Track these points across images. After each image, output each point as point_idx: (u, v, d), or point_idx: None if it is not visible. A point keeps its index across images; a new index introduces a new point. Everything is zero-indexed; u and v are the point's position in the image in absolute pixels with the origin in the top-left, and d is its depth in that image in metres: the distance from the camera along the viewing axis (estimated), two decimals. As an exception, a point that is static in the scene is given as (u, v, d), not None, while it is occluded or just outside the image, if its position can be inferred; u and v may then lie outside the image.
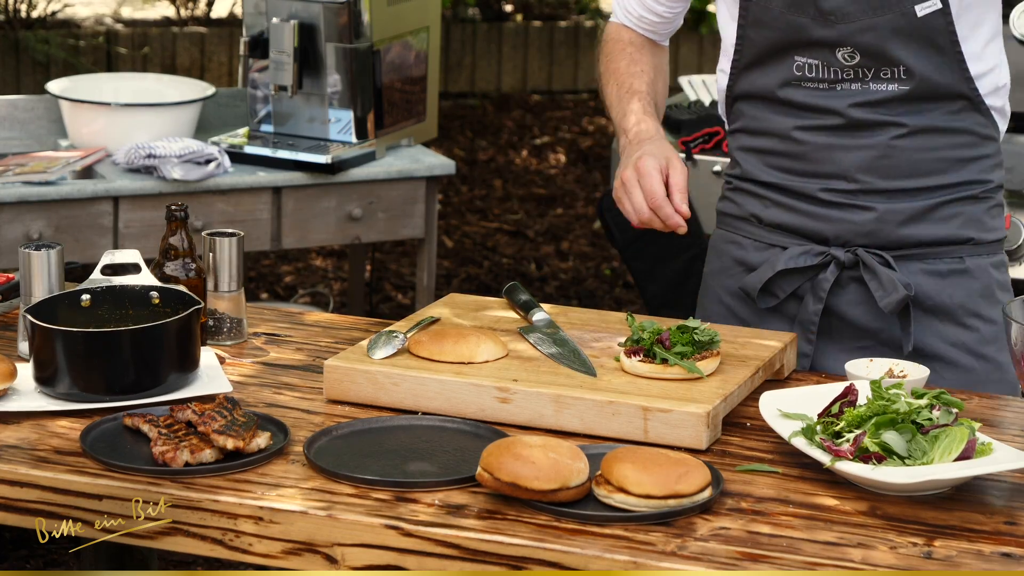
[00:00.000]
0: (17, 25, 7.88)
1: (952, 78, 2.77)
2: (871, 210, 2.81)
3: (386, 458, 2.38)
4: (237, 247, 2.86)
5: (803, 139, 2.82)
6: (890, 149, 2.79)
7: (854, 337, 2.86)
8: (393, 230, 4.70)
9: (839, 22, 2.74)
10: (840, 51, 2.76)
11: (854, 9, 2.73)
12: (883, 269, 2.80)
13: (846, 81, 2.78)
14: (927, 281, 2.83)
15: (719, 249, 3.00)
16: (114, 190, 4.38)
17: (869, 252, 2.82)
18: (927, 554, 2.14)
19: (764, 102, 2.86)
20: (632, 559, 2.11)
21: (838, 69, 2.78)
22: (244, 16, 4.69)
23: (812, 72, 2.79)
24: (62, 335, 2.55)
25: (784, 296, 2.88)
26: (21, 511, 2.33)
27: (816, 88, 2.80)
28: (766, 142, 2.88)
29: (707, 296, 3.02)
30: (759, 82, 2.85)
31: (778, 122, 2.85)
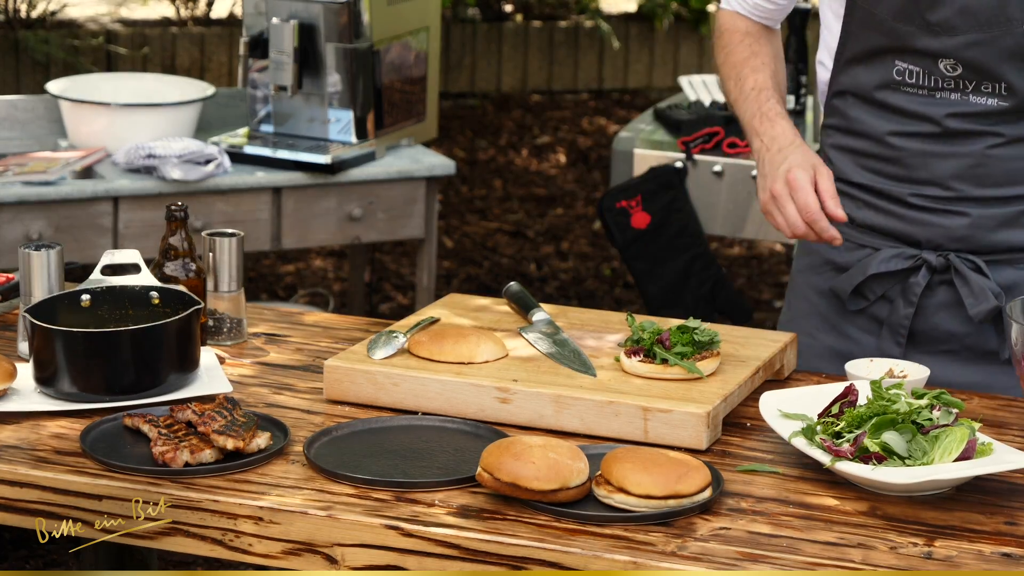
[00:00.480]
0: (17, 25, 7.88)
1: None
2: (964, 215, 2.79)
3: (386, 458, 2.38)
4: (237, 247, 2.86)
5: (897, 144, 2.80)
6: (985, 158, 2.76)
7: (942, 341, 2.84)
8: (393, 230, 4.70)
9: (944, 34, 2.71)
10: (943, 62, 2.73)
11: (961, 23, 2.69)
12: (975, 276, 2.78)
13: (946, 91, 2.75)
14: (1018, 287, 2.80)
15: (809, 247, 2.97)
16: (114, 190, 4.38)
17: (961, 257, 2.80)
18: (927, 554, 2.14)
19: (861, 102, 2.83)
20: (632, 559, 2.11)
21: (939, 78, 2.74)
22: (244, 16, 4.69)
23: (912, 78, 2.76)
24: (62, 335, 2.55)
25: (874, 299, 2.86)
26: (21, 511, 2.33)
27: (915, 94, 2.77)
28: (860, 143, 2.85)
29: (794, 294, 3.00)
30: (858, 80, 2.82)
31: (873, 125, 2.82)
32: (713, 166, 4.75)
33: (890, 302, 2.86)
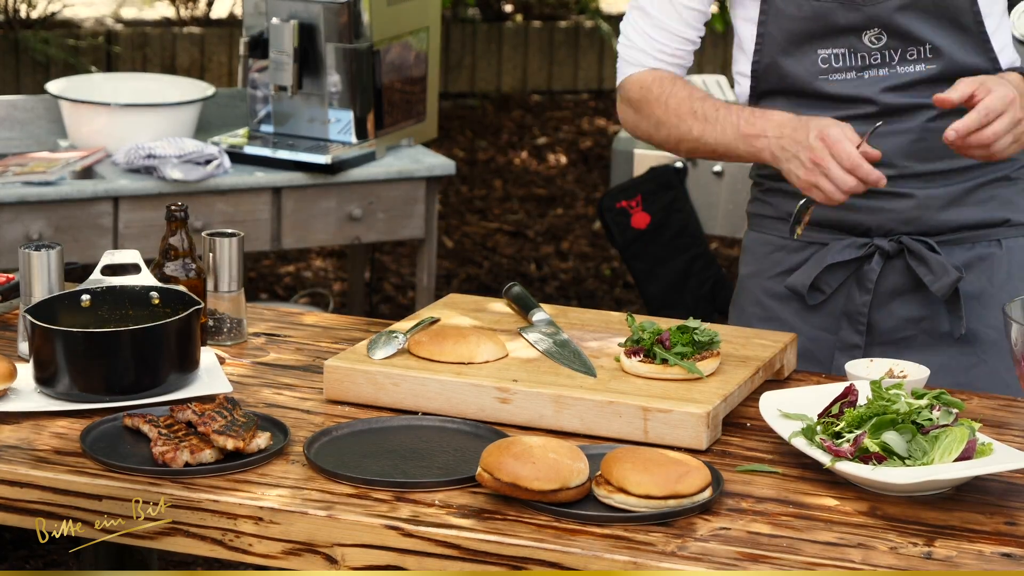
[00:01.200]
0: (17, 25, 7.88)
1: (977, 57, 2.79)
2: (910, 197, 2.82)
3: (386, 458, 2.38)
4: (237, 247, 2.86)
5: None
6: (925, 132, 2.79)
7: (897, 328, 2.87)
8: (393, 230, 4.70)
9: (866, 4, 2.74)
10: (867, 34, 2.76)
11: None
12: (930, 254, 2.81)
13: (873, 67, 2.78)
14: (967, 265, 2.84)
15: (755, 252, 2.97)
16: (114, 190, 4.38)
17: (913, 239, 2.82)
18: (927, 554, 2.14)
19: (792, 99, 2.84)
20: (632, 559, 2.11)
21: (864, 54, 2.78)
22: (244, 16, 4.69)
23: (838, 62, 2.79)
24: (62, 335, 2.55)
25: (831, 291, 2.88)
26: (21, 511, 2.33)
27: (844, 79, 2.80)
28: None
29: (744, 298, 3.00)
30: (784, 78, 2.83)
31: (813, 113, 2.79)
32: (713, 166, 4.75)
33: (846, 294, 2.87)
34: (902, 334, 2.87)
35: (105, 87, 4.85)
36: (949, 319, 2.85)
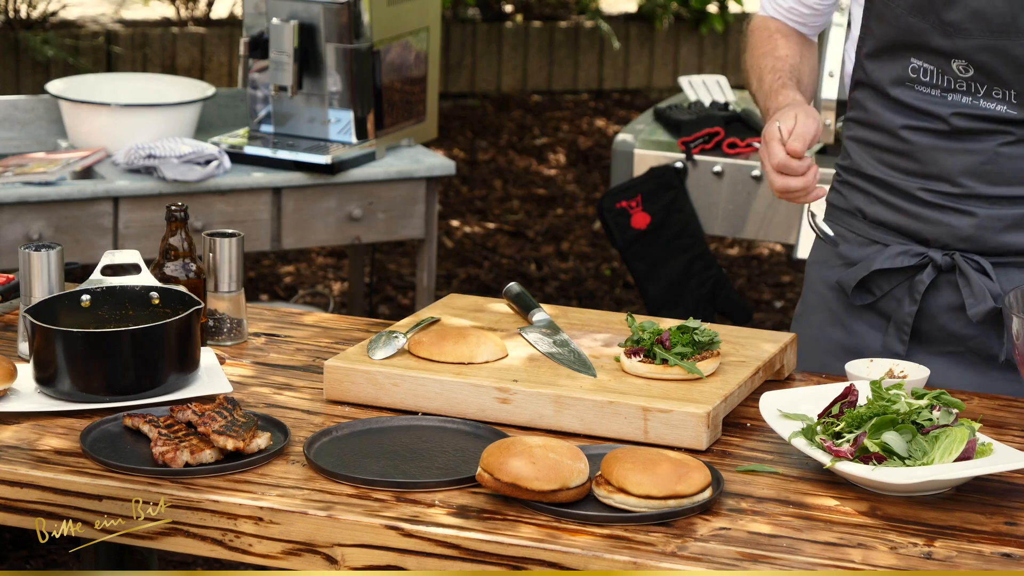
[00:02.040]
0: (17, 26, 7.88)
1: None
2: (972, 215, 2.79)
3: (386, 458, 2.38)
4: (237, 247, 2.86)
5: (910, 138, 2.80)
6: (996, 155, 2.76)
7: (945, 341, 2.85)
8: (393, 230, 4.70)
9: (957, 36, 2.71)
10: (955, 62, 2.73)
11: (973, 26, 2.69)
12: (977, 276, 2.78)
13: (958, 92, 2.75)
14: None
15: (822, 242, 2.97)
16: (114, 190, 4.38)
17: (967, 257, 2.80)
18: (927, 555, 2.14)
19: (878, 95, 2.83)
20: (632, 559, 2.11)
21: (952, 79, 2.75)
22: (244, 16, 4.69)
23: (927, 76, 2.77)
24: (62, 335, 2.55)
25: (880, 295, 2.87)
26: (21, 511, 2.33)
27: (928, 93, 2.77)
28: (876, 136, 2.85)
29: (808, 287, 3.00)
30: (875, 75, 2.82)
31: (888, 118, 2.82)
32: (713, 166, 4.75)
33: (896, 299, 2.86)
34: (948, 348, 2.85)
35: (105, 87, 4.85)
36: (998, 342, 2.82)
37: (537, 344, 2.68)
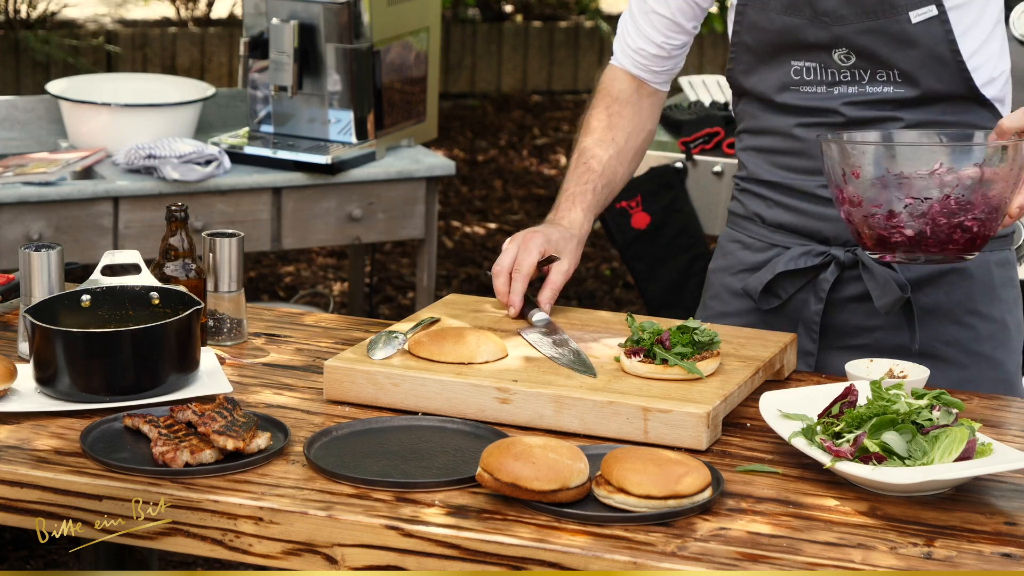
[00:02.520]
0: (17, 25, 7.88)
1: (952, 83, 2.77)
2: None
3: (386, 458, 2.38)
4: (237, 248, 2.86)
5: (803, 136, 2.83)
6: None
7: (853, 335, 2.87)
8: (393, 230, 4.70)
9: (833, 24, 2.75)
10: (836, 52, 2.77)
11: (848, 12, 2.73)
12: (880, 269, 2.80)
13: (843, 83, 2.79)
14: (927, 280, 2.84)
15: (725, 248, 3.00)
16: (114, 191, 4.39)
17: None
18: (927, 555, 2.14)
19: (764, 104, 2.87)
20: (632, 559, 2.11)
21: (835, 71, 2.78)
22: (244, 16, 4.69)
23: (810, 75, 2.80)
24: (62, 335, 2.55)
25: (786, 297, 2.89)
26: (21, 511, 2.33)
27: (813, 91, 2.81)
28: (769, 141, 2.88)
29: (711, 293, 3.02)
30: (759, 87, 2.86)
31: (778, 121, 2.85)
32: (713, 166, 4.75)
33: (803, 300, 2.88)
34: (855, 341, 2.87)
35: (105, 87, 4.85)
36: (907, 332, 2.84)
37: (539, 346, 2.68)
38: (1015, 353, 2.89)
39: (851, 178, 2.56)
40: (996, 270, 2.87)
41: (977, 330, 2.85)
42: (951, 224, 2.54)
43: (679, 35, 2.94)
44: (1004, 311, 2.87)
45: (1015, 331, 2.90)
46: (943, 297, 2.84)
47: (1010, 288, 2.89)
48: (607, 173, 2.94)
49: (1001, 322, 2.86)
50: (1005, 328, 2.87)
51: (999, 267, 2.87)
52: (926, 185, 2.52)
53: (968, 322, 2.85)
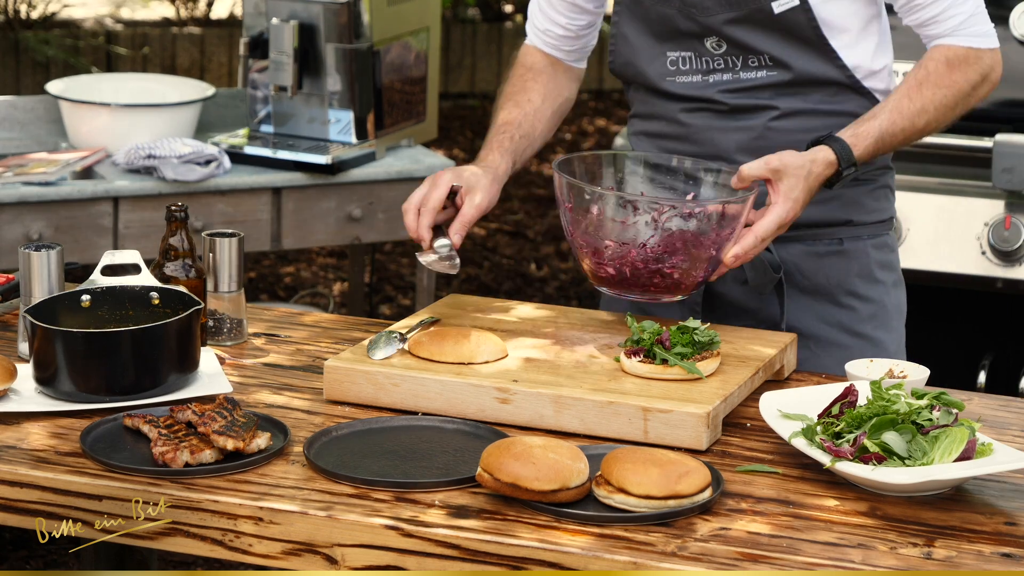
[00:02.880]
0: (17, 26, 7.88)
1: (824, 67, 2.83)
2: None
3: (386, 458, 2.38)
4: (237, 248, 2.86)
5: (687, 121, 2.90)
6: (767, 131, 2.86)
7: (736, 315, 2.94)
8: (393, 231, 4.70)
9: (700, 15, 2.82)
10: (708, 41, 2.85)
11: (713, 4, 2.81)
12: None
13: (717, 71, 2.87)
14: (805, 261, 2.91)
15: None
16: (114, 191, 4.39)
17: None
18: (927, 555, 2.14)
19: (649, 91, 2.96)
20: (632, 559, 2.11)
21: (708, 59, 2.86)
22: (244, 16, 4.69)
23: (686, 65, 2.89)
24: (62, 335, 2.55)
25: None
26: (21, 511, 2.33)
27: (690, 80, 2.89)
28: (656, 125, 2.96)
29: None
30: (640, 77, 2.95)
31: (664, 106, 2.94)
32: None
33: None
34: (735, 322, 2.93)
35: (105, 87, 4.85)
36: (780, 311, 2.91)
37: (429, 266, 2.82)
38: (895, 332, 2.97)
39: (565, 210, 2.71)
40: (874, 253, 2.94)
41: (857, 311, 2.93)
42: (649, 269, 2.67)
43: (582, 15, 3.04)
44: (883, 292, 2.95)
45: (894, 312, 2.98)
46: (822, 279, 2.92)
47: (889, 271, 2.97)
48: (524, 126, 2.99)
49: (880, 303, 2.94)
50: (884, 309, 2.95)
51: (876, 250, 2.95)
52: (624, 231, 2.65)
53: (847, 303, 2.92)
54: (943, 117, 2.80)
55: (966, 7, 2.78)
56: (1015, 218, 4.04)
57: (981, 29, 2.80)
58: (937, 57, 2.80)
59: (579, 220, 2.70)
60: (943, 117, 2.80)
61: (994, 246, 4.02)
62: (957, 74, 2.79)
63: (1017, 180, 4.03)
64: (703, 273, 2.71)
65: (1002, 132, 4.06)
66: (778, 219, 2.69)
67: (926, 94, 2.78)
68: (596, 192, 2.72)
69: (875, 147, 2.76)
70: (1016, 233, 4.02)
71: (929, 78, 2.78)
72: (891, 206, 2.99)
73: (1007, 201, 4.07)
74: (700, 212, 2.66)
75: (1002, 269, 4.06)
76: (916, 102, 2.78)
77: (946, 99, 2.78)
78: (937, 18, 2.79)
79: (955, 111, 2.81)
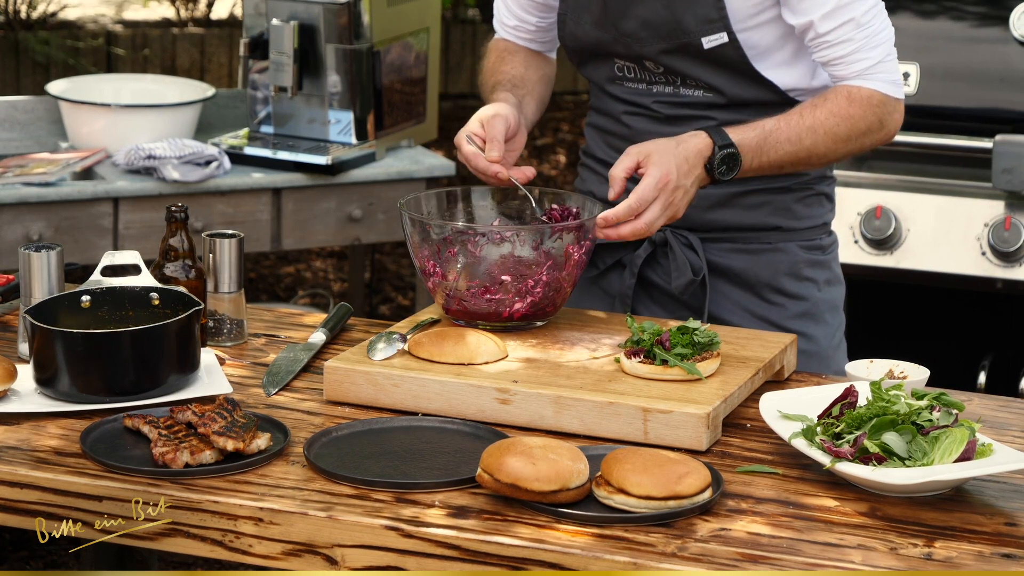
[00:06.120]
0: (17, 26, 7.88)
1: (758, 92, 2.88)
2: None
3: (386, 459, 2.38)
4: (237, 248, 2.86)
5: (629, 123, 2.96)
6: None
7: (668, 307, 2.99)
8: (393, 231, 4.70)
9: (635, 44, 2.88)
10: (647, 63, 2.90)
11: (647, 35, 2.86)
12: (681, 251, 2.93)
13: (659, 83, 2.92)
14: (734, 258, 2.97)
15: None
16: (114, 191, 4.39)
17: (677, 233, 2.95)
18: (927, 555, 2.14)
19: (598, 89, 3.03)
20: (632, 560, 2.11)
21: (651, 74, 2.92)
22: (244, 17, 4.69)
23: (631, 73, 2.94)
24: (62, 336, 2.55)
25: (604, 267, 3.04)
26: (21, 512, 2.33)
27: (635, 87, 2.94)
28: (604, 122, 3.03)
29: None
30: (591, 76, 3.02)
31: (610, 105, 3.00)
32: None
33: (618, 273, 3.02)
34: (670, 313, 2.98)
35: (105, 88, 4.85)
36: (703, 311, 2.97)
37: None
38: (828, 328, 3.01)
39: (410, 242, 2.76)
40: (803, 254, 2.98)
41: (786, 308, 2.98)
42: (491, 299, 2.71)
43: (550, 14, 3.06)
44: (812, 289, 2.99)
45: (827, 309, 3.02)
46: (751, 276, 2.97)
47: (821, 269, 3.00)
48: (516, 79, 3.05)
49: (812, 300, 2.99)
50: (816, 306, 2.99)
51: (806, 251, 2.99)
52: (456, 263, 2.70)
53: (776, 300, 2.98)
54: (832, 146, 2.80)
55: (875, 52, 2.79)
56: (1015, 219, 4.04)
57: (889, 77, 2.81)
58: (839, 91, 2.81)
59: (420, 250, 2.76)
60: (832, 146, 2.80)
61: (994, 247, 4.02)
62: (855, 109, 2.80)
63: (1017, 181, 4.03)
64: (551, 307, 2.75)
65: (1002, 133, 4.06)
66: (654, 181, 2.69)
67: (818, 115, 2.79)
68: (427, 222, 2.75)
69: (756, 141, 2.77)
70: (1016, 234, 4.02)
71: (826, 104, 2.80)
72: (826, 212, 3.03)
73: (1007, 202, 4.07)
74: (511, 235, 2.69)
75: (1002, 269, 4.06)
76: (807, 119, 2.79)
77: (838, 128, 2.79)
78: (844, 59, 2.80)
79: (846, 145, 2.81)
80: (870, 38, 2.78)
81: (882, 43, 2.80)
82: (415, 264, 2.79)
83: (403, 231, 2.78)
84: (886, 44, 2.81)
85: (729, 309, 2.98)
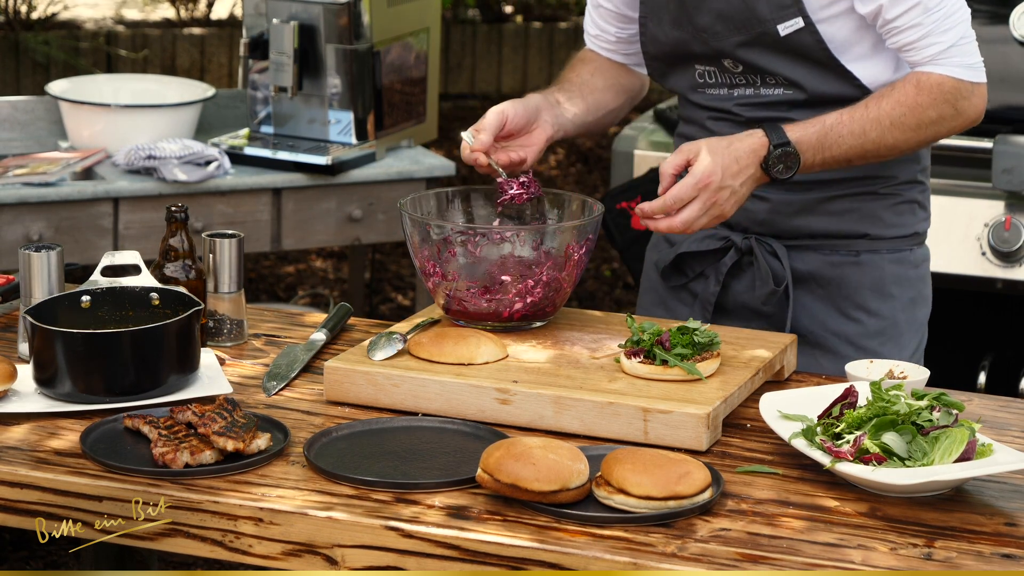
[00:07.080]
0: (17, 26, 7.88)
1: (839, 86, 2.83)
2: (765, 200, 2.91)
3: (386, 459, 2.38)
4: (237, 248, 2.86)
5: (713, 129, 2.93)
6: None
7: (748, 318, 2.97)
8: (393, 231, 4.70)
9: (711, 39, 2.85)
10: (725, 61, 2.87)
11: (722, 28, 2.83)
12: (765, 260, 2.91)
13: (740, 86, 2.89)
14: (820, 270, 2.94)
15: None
16: (114, 191, 4.39)
17: (761, 241, 2.93)
18: (927, 555, 2.14)
19: (683, 99, 3.01)
20: (632, 560, 2.11)
21: (731, 75, 2.89)
22: (244, 17, 4.69)
23: (712, 79, 2.91)
24: (62, 336, 2.55)
25: (692, 276, 3.01)
26: (21, 512, 2.33)
27: (717, 93, 2.91)
28: (690, 129, 3.01)
29: (645, 267, 3.15)
30: (675, 87, 2.99)
31: (695, 114, 2.98)
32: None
33: (705, 279, 3.00)
34: (749, 324, 2.95)
35: (105, 88, 4.85)
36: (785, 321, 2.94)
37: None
38: (905, 351, 2.97)
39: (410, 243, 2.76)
40: (889, 268, 2.94)
41: (864, 325, 2.94)
42: (491, 299, 2.71)
43: (631, 24, 3.02)
44: (896, 309, 2.95)
45: (907, 329, 2.97)
46: (834, 290, 2.93)
47: (906, 287, 2.96)
48: (567, 87, 3.06)
49: (891, 319, 2.94)
50: (895, 326, 2.95)
51: (894, 265, 2.94)
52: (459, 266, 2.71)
53: (855, 316, 2.94)
54: (901, 136, 2.75)
55: (947, 37, 2.73)
56: (1015, 219, 4.04)
57: (964, 61, 2.75)
58: (908, 78, 2.77)
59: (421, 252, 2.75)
60: (901, 136, 2.75)
61: (994, 247, 4.03)
62: (924, 97, 2.74)
63: (1017, 181, 4.03)
64: (552, 307, 2.75)
65: (1002, 133, 4.06)
66: (694, 181, 2.68)
67: (884, 106, 2.74)
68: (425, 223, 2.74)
69: (817, 137, 2.74)
70: (1016, 234, 4.02)
71: (893, 93, 2.75)
72: (918, 222, 2.96)
73: (1007, 202, 4.07)
74: (511, 235, 2.70)
75: (1002, 270, 4.06)
76: (872, 111, 2.75)
77: (905, 118, 2.74)
78: (915, 45, 2.75)
79: (917, 135, 2.76)
80: (940, 22, 2.72)
81: (954, 26, 2.73)
82: (415, 264, 2.79)
83: (403, 231, 2.78)
84: (960, 27, 2.74)
85: (809, 322, 2.93)
